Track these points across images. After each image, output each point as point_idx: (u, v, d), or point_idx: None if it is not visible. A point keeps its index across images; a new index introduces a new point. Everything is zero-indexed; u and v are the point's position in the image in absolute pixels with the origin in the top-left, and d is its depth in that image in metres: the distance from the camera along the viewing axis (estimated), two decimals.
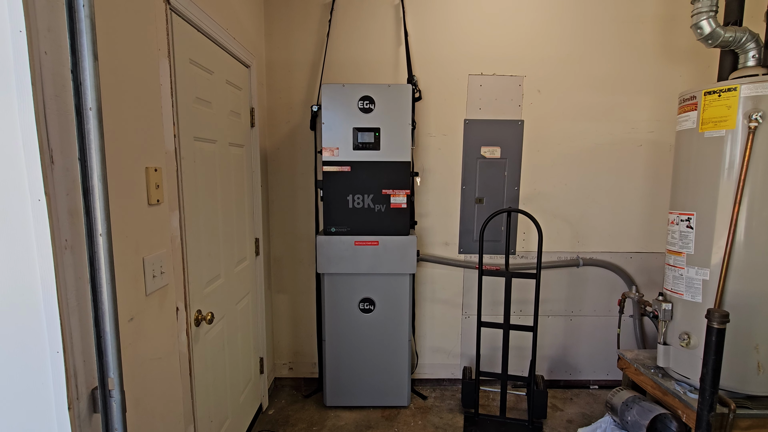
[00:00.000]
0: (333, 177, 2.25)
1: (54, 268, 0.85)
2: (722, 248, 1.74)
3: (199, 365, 1.63)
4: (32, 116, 0.81)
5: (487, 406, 2.53)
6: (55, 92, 0.85)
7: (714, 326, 1.46)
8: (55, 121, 0.86)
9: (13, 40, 0.79)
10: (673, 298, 1.93)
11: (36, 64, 0.81)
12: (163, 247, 1.32)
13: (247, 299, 2.19)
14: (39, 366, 0.88)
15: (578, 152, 2.59)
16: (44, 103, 0.83)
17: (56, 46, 0.86)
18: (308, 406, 2.51)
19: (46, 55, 0.83)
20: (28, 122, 0.81)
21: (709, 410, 1.52)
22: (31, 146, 0.81)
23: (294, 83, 2.54)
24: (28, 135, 0.81)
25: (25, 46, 0.79)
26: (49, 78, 0.84)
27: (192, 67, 1.57)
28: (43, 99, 0.83)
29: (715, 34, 1.84)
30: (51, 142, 0.85)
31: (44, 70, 0.83)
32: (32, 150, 0.81)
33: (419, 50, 2.51)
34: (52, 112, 0.85)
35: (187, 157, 1.53)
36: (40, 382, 0.88)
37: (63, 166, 0.88)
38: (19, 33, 0.78)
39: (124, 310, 1.10)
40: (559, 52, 2.51)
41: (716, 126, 1.74)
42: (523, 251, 2.67)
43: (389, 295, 2.36)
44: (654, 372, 2.02)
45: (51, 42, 0.85)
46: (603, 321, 2.72)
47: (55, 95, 0.86)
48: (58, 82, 0.86)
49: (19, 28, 0.78)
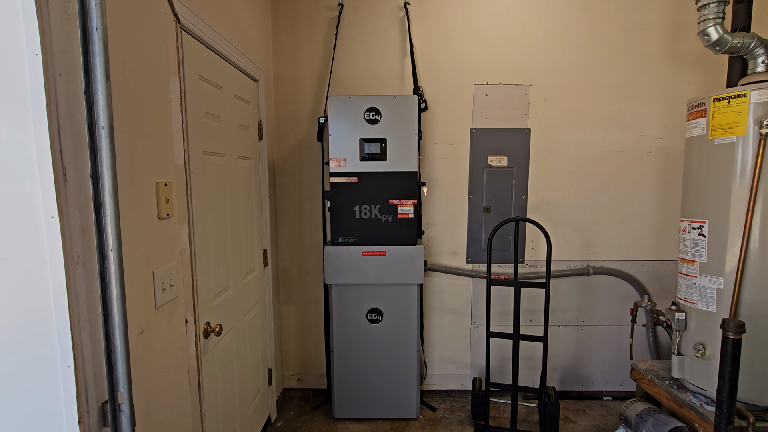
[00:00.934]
0: (340, 188, 2.26)
1: (66, 284, 0.86)
2: (736, 256, 1.70)
3: (208, 377, 1.64)
4: (46, 136, 0.83)
5: (498, 418, 2.49)
6: (69, 112, 0.88)
7: (730, 337, 1.43)
8: (68, 140, 0.88)
9: (29, 62, 0.81)
10: (687, 307, 1.90)
11: (51, 86, 0.84)
12: (172, 260, 1.34)
13: (255, 310, 2.20)
14: (50, 380, 0.89)
15: (586, 160, 2.57)
16: (59, 122, 0.85)
17: (71, 67, 0.88)
18: (317, 417, 2.50)
19: (60, 76, 0.86)
20: (42, 142, 0.83)
21: (726, 423, 1.48)
22: (45, 165, 0.83)
23: (301, 96, 2.58)
24: (43, 154, 0.83)
25: (41, 69, 0.81)
26: (63, 98, 0.87)
27: (201, 83, 1.60)
28: (57, 119, 0.85)
29: (722, 40, 1.83)
30: (64, 160, 0.87)
31: (59, 91, 0.86)
32: (46, 168, 0.83)
33: (424, 61, 2.53)
34: (66, 131, 0.87)
35: (197, 170, 1.55)
36: (52, 396, 0.89)
37: (76, 184, 0.90)
38: (35, 56, 0.81)
39: (134, 324, 1.11)
40: (566, 60, 2.51)
41: (726, 132, 1.72)
42: (532, 260, 2.65)
43: (397, 306, 2.35)
44: (669, 383, 1.97)
45: (66, 64, 0.87)
46: (615, 330, 2.68)
47: (69, 115, 0.88)
48: (72, 102, 0.89)
49: (36, 52, 0.81)
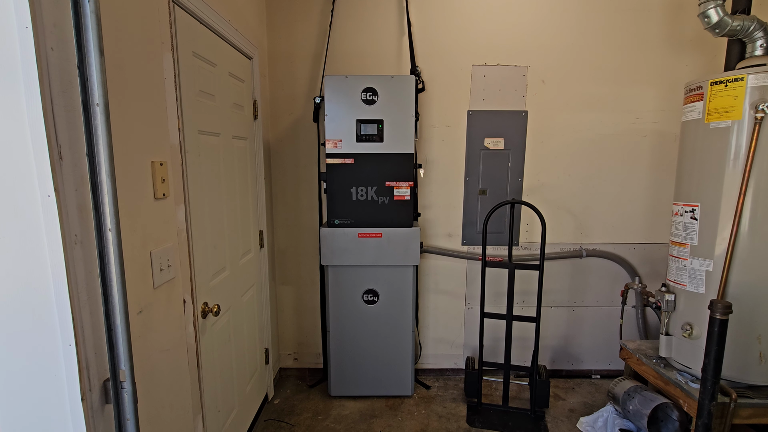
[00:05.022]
0: (336, 169, 2.25)
1: (65, 263, 0.86)
2: (726, 239, 1.74)
3: (207, 356, 1.66)
4: (40, 112, 0.81)
5: (490, 396, 2.56)
6: (62, 88, 0.86)
7: (717, 317, 1.47)
8: (62, 117, 0.86)
9: (20, 35, 0.78)
10: (676, 289, 1.94)
11: (43, 60, 0.81)
12: (169, 240, 1.34)
13: (252, 291, 2.21)
14: (52, 359, 0.89)
15: (582, 143, 2.58)
16: (52, 99, 0.83)
17: (62, 41, 0.86)
18: (313, 395, 2.55)
19: (52, 51, 0.83)
20: (36, 118, 0.81)
21: (710, 399, 1.53)
22: (40, 142, 0.82)
23: (296, 75, 2.53)
24: (37, 131, 0.81)
25: (32, 42, 0.79)
26: (56, 74, 0.84)
27: (195, 60, 1.56)
28: (50, 95, 0.83)
29: (722, 23, 1.82)
30: (59, 138, 0.85)
31: (51, 66, 0.83)
32: (41, 146, 0.82)
33: (422, 40, 2.48)
34: (60, 108, 0.85)
35: (192, 150, 1.53)
36: (54, 374, 0.90)
37: (71, 162, 0.88)
38: (26, 29, 0.78)
39: (132, 304, 1.12)
40: (564, 42, 2.48)
41: (722, 116, 1.73)
42: (527, 242, 2.68)
43: (393, 287, 2.38)
44: (656, 362, 2.04)
45: (57, 38, 0.85)
46: (605, 312, 2.74)
47: (62, 91, 0.86)
48: (64, 78, 0.86)
49: (26, 24, 0.78)
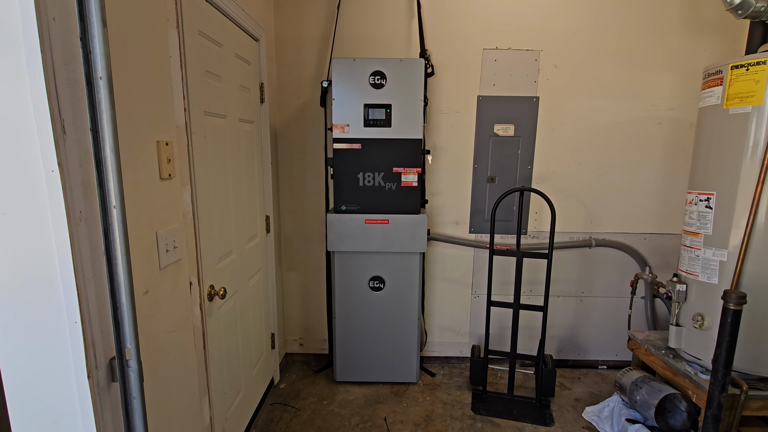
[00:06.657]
0: (343, 154, 2.22)
1: (69, 240, 0.85)
2: (742, 229, 1.69)
3: (213, 339, 1.66)
4: (42, 85, 0.79)
5: (495, 384, 2.56)
6: (64, 60, 0.84)
7: (731, 307, 1.44)
8: (65, 90, 0.84)
9: (21, 5, 0.76)
10: (688, 279, 1.91)
11: (45, 31, 0.79)
12: (175, 222, 1.32)
13: (258, 276, 2.21)
14: (58, 336, 0.89)
15: (595, 130, 2.52)
16: (54, 71, 0.81)
17: (64, 11, 0.83)
18: (318, 380, 2.56)
19: (54, 21, 0.81)
20: (38, 91, 0.79)
21: (721, 391, 1.51)
22: (43, 116, 0.80)
23: (304, 58, 2.49)
24: (40, 104, 0.80)
25: (33, 12, 0.76)
26: (58, 45, 0.82)
27: (201, 39, 1.53)
28: (53, 67, 0.81)
29: (745, 3, 1.75)
30: (62, 111, 0.83)
31: (53, 37, 0.81)
32: (44, 119, 0.80)
33: (432, 23, 2.43)
34: (63, 80, 0.83)
35: (198, 131, 1.51)
36: (60, 351, 0.90)
37: (75, 137, 0.87)
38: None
39: (138, 284, 1.11)
40: (578, 25, 2.41)
41: (742, 102, 1.67)
42: (535, 231, 2.64)
43: (399, 274, 2.36)
44: (665, 353, 2.01)
45: (59, 8, 0.82)
46: (613, 302, 2.71)
47: (65, 63, 0.84)
48: (67, 49, 0.84)
49: None
